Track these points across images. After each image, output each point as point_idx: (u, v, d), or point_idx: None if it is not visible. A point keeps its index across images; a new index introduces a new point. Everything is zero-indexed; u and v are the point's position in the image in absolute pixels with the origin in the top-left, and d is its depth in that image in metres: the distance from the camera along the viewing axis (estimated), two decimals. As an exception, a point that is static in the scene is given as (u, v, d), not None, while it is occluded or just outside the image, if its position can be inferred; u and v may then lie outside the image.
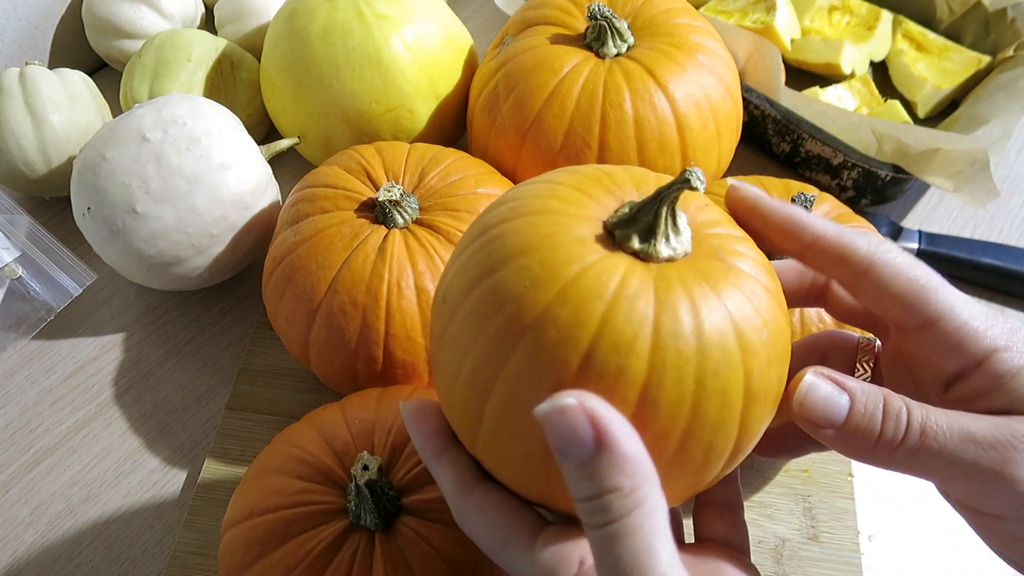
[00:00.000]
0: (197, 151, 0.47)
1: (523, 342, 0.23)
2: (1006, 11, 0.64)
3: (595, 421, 0.21)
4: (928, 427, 0.24)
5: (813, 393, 0.25)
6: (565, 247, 0.23)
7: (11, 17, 0.64)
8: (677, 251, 0.24)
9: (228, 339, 0.54)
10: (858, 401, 0.25)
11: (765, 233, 0.28)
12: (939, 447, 0.24)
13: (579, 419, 0.21)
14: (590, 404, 0.21)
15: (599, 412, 0.21)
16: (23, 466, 0.49)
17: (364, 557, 0.33)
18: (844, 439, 0.25)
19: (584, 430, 0.21)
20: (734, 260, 0.25)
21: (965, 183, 0.50)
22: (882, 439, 0.24)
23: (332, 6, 0.52)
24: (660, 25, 0.49)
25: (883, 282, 0.26)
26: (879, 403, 0.25)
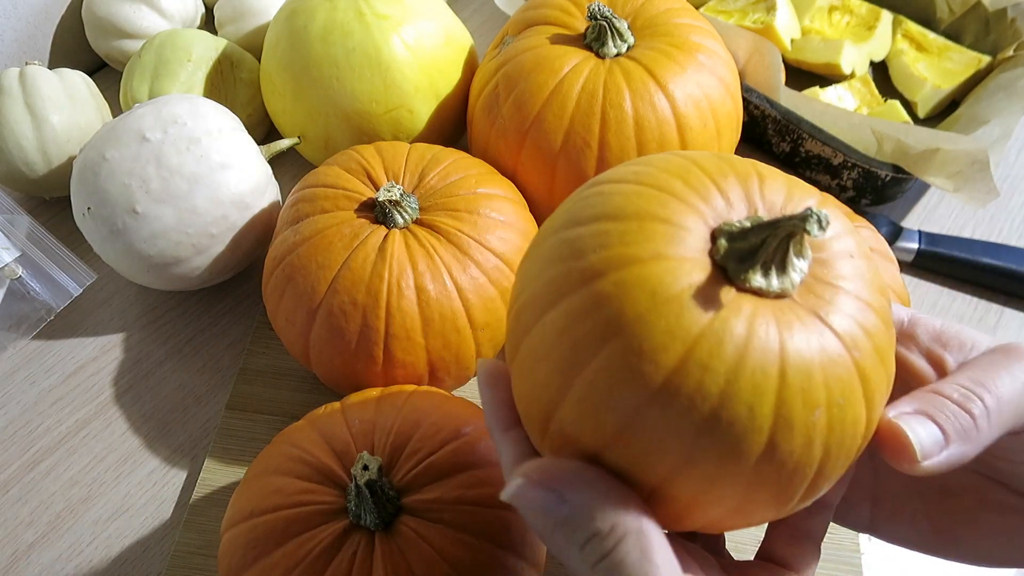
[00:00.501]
0: (197, 151, 0.47)
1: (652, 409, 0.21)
2: (1006, 11, 0.64)
3: (547, 482, 0.22)
4: (981, 380, 0.24)
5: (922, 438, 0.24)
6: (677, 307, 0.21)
7: (11, 17, 0.64)
8: (795, 285, 0.22)
9: (228, 339, 0.54)
10: (934, 413, 0.24)
11: None
12: (1000, 385, 0.24)
13: (534, 494, 0.22)
14: (537, 474, 0.22)
15: (546, 470, 0.22)
16: (23, 466, 0.49)
17: (364, 557, 0.33)
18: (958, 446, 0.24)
19: (542, 498, 0.22)
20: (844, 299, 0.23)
21: (965, 183, 0.50)
22: (978, 419, 0.24)
23: (332, 6, 0.52)
24: (660, 25, 0.49)
25: None
26: (943, 400, 0.24)
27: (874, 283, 0.24)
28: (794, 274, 0.22)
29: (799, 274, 0.23)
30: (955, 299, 0.55)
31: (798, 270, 0.23)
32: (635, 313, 0.21)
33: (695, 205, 0.23)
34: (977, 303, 0.55)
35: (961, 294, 0.56)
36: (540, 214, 0.50)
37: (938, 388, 0.24)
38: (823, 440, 0.22)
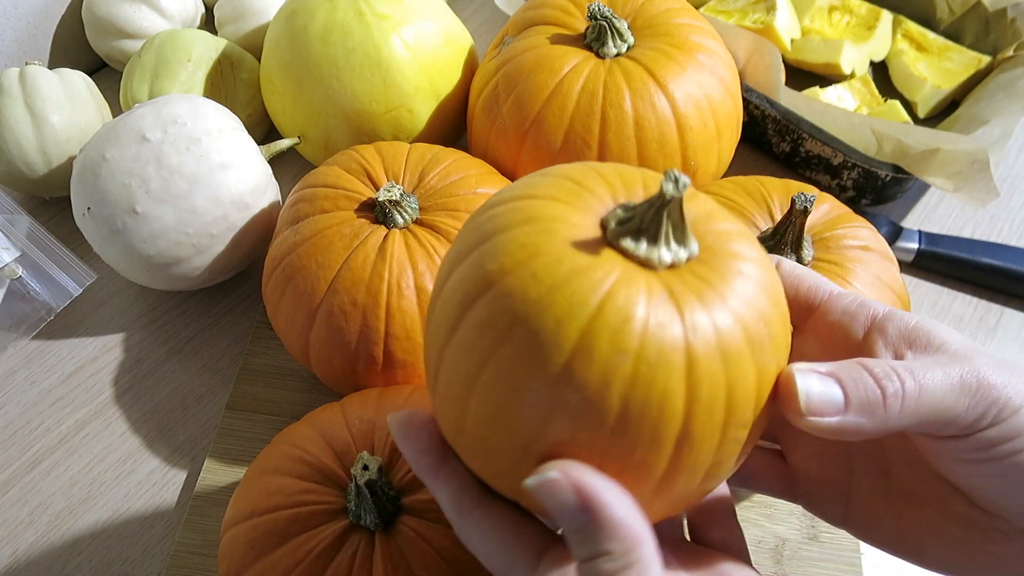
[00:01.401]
0: (197, 151, 0.47)
1: (512, 339, 0.22)
2: (1006, 11, 0.64)
3: (580, 491, 0.22)
4: (913, 369, 0.24)
5: (812, 391, 0.24)
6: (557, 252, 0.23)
7: (11, 17, 0.64)
8: (681, 257, 0.23)
9: (228, 339, 0.54)
10: (844, 377, 0.24)
11: None
12: (932, 379, 0.24)
13: (565, 490, 0.22)
14: (575, 475, 0.22)
15: (584, 482, 0.22)
16: (23, 466, 0.49)
17: (364, 557, 0.33)
18: (856, 415, 0.24)
19: (571, 500, 0.22)
20: (738, 263, 0.24)
21: (965, 183, 0.50)
22: (887, 397, 0.24)
23: (332, 6, 0.52)
24: (660, 25, 0.49)
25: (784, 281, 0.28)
26: (860, 369, 0.24)
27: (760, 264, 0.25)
28: (671, 247, 0.23)
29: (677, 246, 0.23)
30: (955, 299, 0.55)
31: (674, 240, 0.23)
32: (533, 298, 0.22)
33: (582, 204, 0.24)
34: (977, 303, 0.55)
35: (961, 294, 0.56)
36: (540, 214, 0.50)
37: (865, 360, 0.25)
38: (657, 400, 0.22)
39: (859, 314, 0.27)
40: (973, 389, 0.24)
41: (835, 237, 0.43)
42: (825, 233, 0.43)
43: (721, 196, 0.46)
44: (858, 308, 0.27)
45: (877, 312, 0.27)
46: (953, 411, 0.24)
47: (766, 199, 0.45)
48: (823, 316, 0.28)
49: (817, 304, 0.28)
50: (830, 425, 0.24)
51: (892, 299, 0.42)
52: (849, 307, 0.27)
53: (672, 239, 0.23)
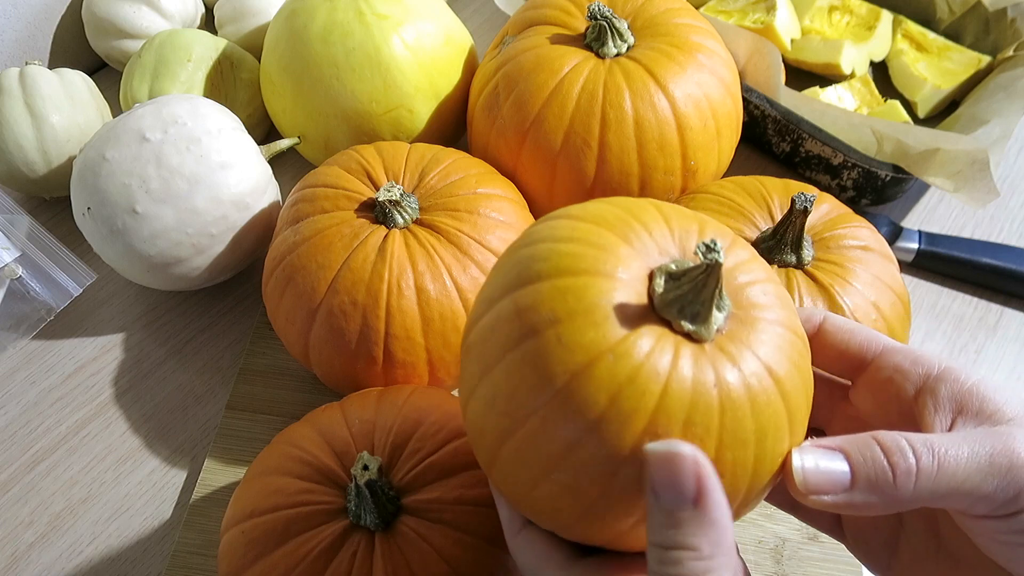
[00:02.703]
0: (197, 151, 0.47)
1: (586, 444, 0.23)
2: (1006, 11, 0.64)
3: (700, 479, 0.22)
4: (934, 445, 0.23)
5: (810, 466, 0.24)
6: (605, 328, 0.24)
7: (11, 17, 0.64)
8: (722, 327, 0.25)
9: (228, 339, 0.54)
10: (852, 452, 0.24)
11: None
12: (956, 457, 0.23)
13: (688, 471, 0.22)
14: (702, 460, 0.22)
15: (706, 472, 0.22)
16: (23, 466, 0.49)
17: (364, 557, 0.33)
18: (863, 493, 0.24)
19: (689, 483, 0.22)
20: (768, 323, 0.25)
21: (965, 183, 0.50)
22: (898, 475, 0.23)
23: (332, 6, 0.52)
24: (660, 25, 0.49)
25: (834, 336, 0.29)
26: (872, 444, 0.24)
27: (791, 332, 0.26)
28: (713, 325, 0.24)
29: (717, 324, 0.24)
30: (955, 299, 0.55)
31: (716, 320, 0.24)
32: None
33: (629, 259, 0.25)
34: (977, 303, 0.55)
35: (961, 294, 0.56)
36: (540, 214, 0.50)
37: (880, 434, 0.24)
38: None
39: (911, 372, 0.26)
40: (1003, 470, 0.23)
41: (835, 237, 0.43)
42: (825, 233, 0.43)
43: (721, 196, 0.46)
44: (911, 365, 0.27)
45: (931, 370, 0.26)
46: (980, 491, 0.23)
47: (766, 199, 0.45)
48: (876, 372, 0.27)
49: (870, 359, 0.28)
50: (835, 502, 0.24)
51: (892, 299, 0.42)
52: (902, 364, 0.27)
53: (713, 307, 0.24)
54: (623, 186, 0.48)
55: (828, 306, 0.40)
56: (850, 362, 0.28)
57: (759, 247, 0.43)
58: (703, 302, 0.24)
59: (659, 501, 0.22)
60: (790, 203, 0.40)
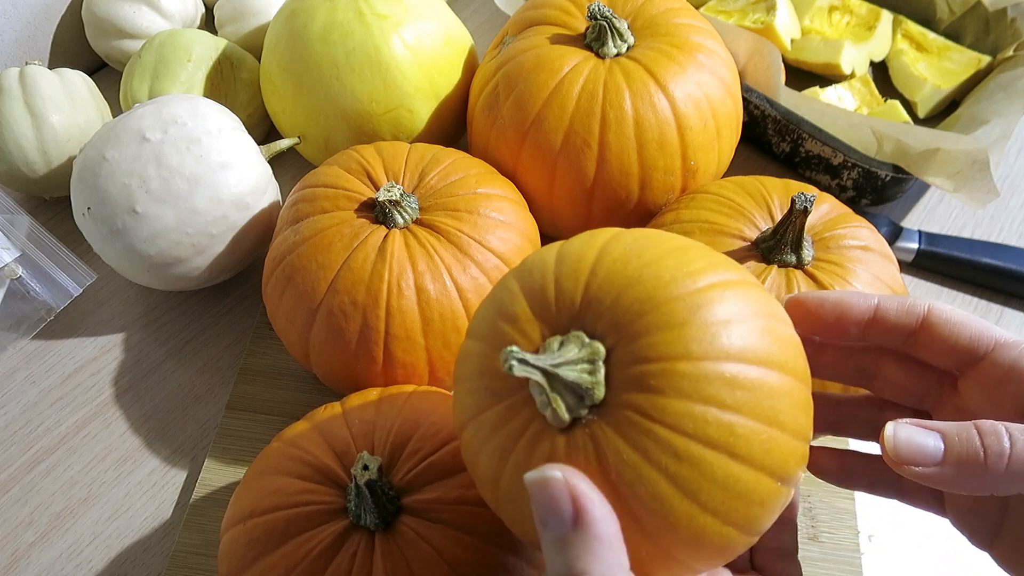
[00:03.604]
0: (197, 151, 0.47)
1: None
2: (1006, 11, 0.64)
3: (576, 498, 0.22)
4: None
5: (902, 437, 0.24)
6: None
7: (11, 17, 0.64)
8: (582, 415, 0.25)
9: (228, 339, 0.54)
10: (948, 432, 0.24)
11: (826, 330, 0.29)
12: None
13: (561, 493, 0.22)
14: (574, 481, 0.22)
15: (581, 490, 0.22)
16: (23, 466, 0.49)
17: (364, 557, 0.33)
18: (953, 467, 0.24)
19: (564, 504, 0.22)
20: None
21: (965, 183, 0.50)
22: (989, 455, 0.23)
23: (332, 6, 0.52)
24: (660, 25, 0.49)
25: (941, 328, 0.28)
26: (970, 428, 0.24)
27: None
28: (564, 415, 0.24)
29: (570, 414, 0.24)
30: (955, 299, 0.55)
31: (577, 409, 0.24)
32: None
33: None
34: (977, 303, 0.55)
35: (961, 294, 0.56)
36: (540, 214, 0.50)
37: (980, 422, 0.24)
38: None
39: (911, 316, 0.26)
40: None
41: (835, 237, 0.43)
42: (825, 233, 0.43)
43: (721, 196, 0.46)
44: (910, 310, 0.27)
45: (921, 311, 0.26)
46: None
47: (766, 199, 0.45)
48: (990, 368, 0.27)
49: (983, 354, 0.27)
50: (925, 474, 0.24)
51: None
52: (1019, 360, 0.26)
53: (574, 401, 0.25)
54: (623, 186, 0.48)
55: (828, 306, 0.40)
56: (960, 356, 0.28)
57: (759, 247, 0.43)
58: (547, 397, 0.24)
59: (546, 529, 0.22)
60: (790, 203, 0.40)
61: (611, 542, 0.22)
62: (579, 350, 0.24)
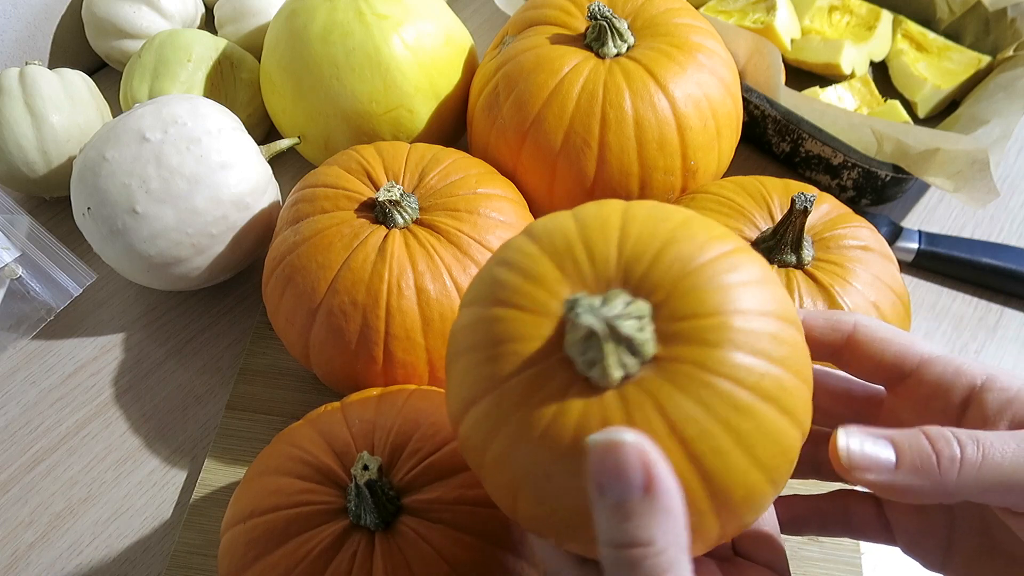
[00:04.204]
0: (197, 151, 0.47)
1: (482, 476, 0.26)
2: (1006, 11, 0.64)
3: (648, 465, 0.20)
4: (980, 438, 0.24)
5: (855, 446, 0.24)
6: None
7: (11, 17, 0.64)
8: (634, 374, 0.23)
9: (228, 339, 0.54)
10: (898, 439, 0.24)
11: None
12: (1001, 452, 0.23)
13: (632, 458, 0.20)
14: (647, 446, 0.21)
15: (653, 457, 0.21)
16: (23, 466, 0.49)
17: (364, 557, 0.33)
18: (907, 476, 0.24)
19: (635, 470, 0.20)
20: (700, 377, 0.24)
21: (965, 183, 0.50)
22: (942, 461, 0.23)
23: (332, 6, 0.52)
24: (660, 25, 0.49)
25: (867, 345, 0.28)
26: (919, 434, 0.24)
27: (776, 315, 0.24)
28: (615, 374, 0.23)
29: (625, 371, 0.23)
30: (955, 299, 0.55)
31: (626, 367, 0.23)
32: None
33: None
34: (977, 303, 0.55)
35: (961, 294, 0.56)
36: (540, 214, 0.50)
37: (928, 428, 0.24)
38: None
39: (955, 383, 0.26)
40: None
41: (835, 237, 0.43)
42: (825, 233, 0.43)
43: (721, 196, 0.46)
44: (954, 376, 0.26)
45: (975, 381, 0.26)
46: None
47: (766, 199, 0.45)
48: (917, 385, 0.27)
49: (908, 371, 0.27)
50: (879, 481, 0.24)
51: (892, 299, 0.42)
52: (944, 375, 0.26)
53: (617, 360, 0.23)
54: (623, 186, 0.48)
55: (828, 307, 0.40)
56: (887, 373, 0.28)
57: (759, 247, 0.43)
58: (601, 351, 0.23)
59: (604, 495, 0.21)
60: (790, 203, 0.40)
61: (678, 515, 0.21)
62: (624, 307, 0.23)
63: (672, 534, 0.21)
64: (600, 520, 0.21)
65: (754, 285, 0.24)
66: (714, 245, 0.25)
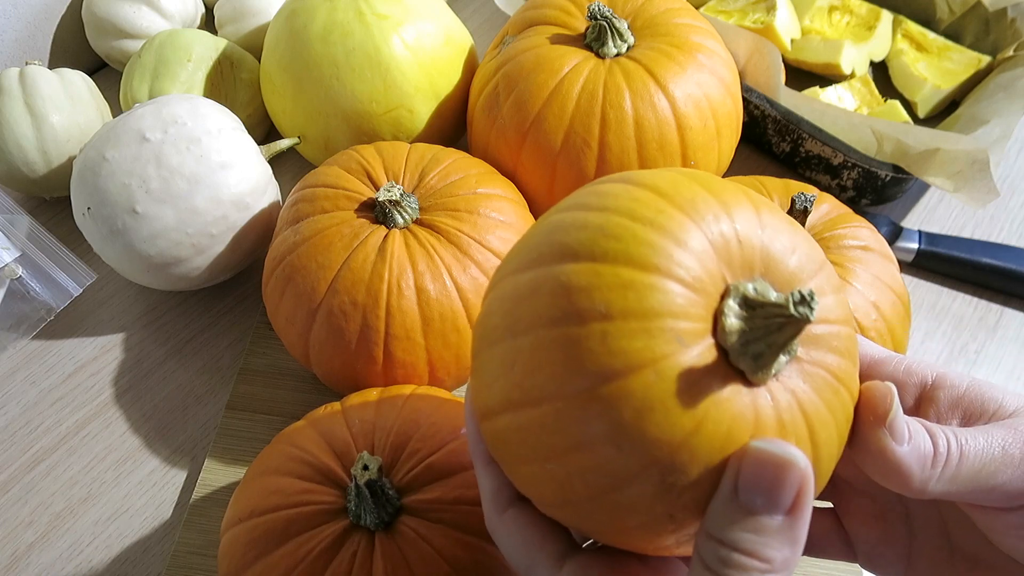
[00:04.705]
0: (197, 151, 0.47)
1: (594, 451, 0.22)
2: (1006, 11, 0.64)
3: (802, 493, 0.21)
4: (960, 438, 0.24)
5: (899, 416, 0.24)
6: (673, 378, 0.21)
7: (11, 17, 0.64)
8: (781, 371, 0.22)
9: (228, 339, 0.54)
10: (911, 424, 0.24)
11: None
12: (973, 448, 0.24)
13: (792, 481, 0.20)
14: (809, 475, 0.21)
15: (809, 487, 0.21)
16: (23, 466, 0.49)
17: (364, 557, 0.33)
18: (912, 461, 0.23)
19: (789, 493, 0.20)
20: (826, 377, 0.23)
21: (965, 183, 0.50)
22: (937, 456, 0.23)
23: (332, 6, 0.52)
24: (660, 25, 0.49)
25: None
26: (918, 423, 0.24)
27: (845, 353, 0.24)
28: (772, 371, 0.22)
29: (776, 369, 0.22)
30: (955, 299, 0.55)
31: (777, 365, 0.22)
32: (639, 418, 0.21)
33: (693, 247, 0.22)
34: (977, 303, 0.55)
35: (961, 294, 0.56)
36: (540, 214, 0.50)
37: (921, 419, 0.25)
38: None
39: (907, 382, 0.26)
40: (1017, 460, 0.23)
41: (835, 237, 0.43)
42: (825, 233, 0.43)
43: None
44: (905, 376, 0.26)
45: (926, 379, 0.26)
46: (994, 480, 0.23)
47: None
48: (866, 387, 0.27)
49: (860, 373, 0.27)
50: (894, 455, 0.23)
51: (892, 299, 0.42)
52: (895, 375, 0.26)
53: (780, 354, 0.22)
54: (623, 186, 0.48)
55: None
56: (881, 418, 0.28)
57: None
58: (771, 346, 0.21)
59: (745, 501, 0.21)
60: (790, 203, 0.40)
61: (800, 545, 0.21)
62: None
63: (789, 562, 0.21)
64: (722, 517, 0.21)
65: (842, 291, 0.25)
66: (819, 248, 0.25)
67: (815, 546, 0.31)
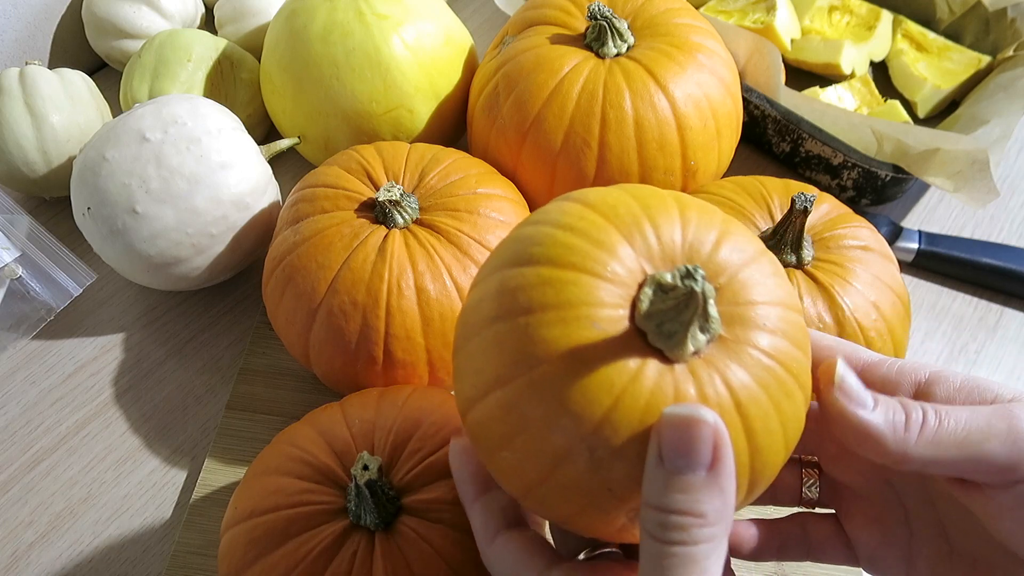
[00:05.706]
0: (197, 151, 0.47)
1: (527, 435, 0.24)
2: (1006, 11, 0.64)
3: (719, 446, 0.22)
4: (939, 410, 0.25)
5: (848, 375, 0.25)
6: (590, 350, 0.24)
7: (11, 17, 0.64)
8: (702, 349, 0.24)
9: (228, 339, 0.54)
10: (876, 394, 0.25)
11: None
12: (956, 418, 0.24)
13: (705, 435, 0.22)
14: (723, 428, 0.22)
15: (725, 439, 0.22)
16: (23, 466, 0.49)
17: (364, 557, 0.33)
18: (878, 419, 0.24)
19: (706, 449, 0.22)
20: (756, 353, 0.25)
21: (965, 183, 0.50)
22: (910, 422, 0.24)
23: (332, 6, 0.52)
24: (660, 25, 0.49)
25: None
26: (894, 400, 0.25)
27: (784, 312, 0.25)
28: (689, 347, 0.24)
29: (694, 347, 0.24)
30: (955, 299, 0.55)
31: (696, 343, 0.24)
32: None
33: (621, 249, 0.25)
34: (977, 303, 0.55)
35: (961, 294, 0.56)
36: (540, 214, 0.50)
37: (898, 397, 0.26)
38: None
39: (901, 382, 0.27)
40: (1003, 433, 0.24)
41: (835, 237, 0.43)
42: (825, 233, 0.43)
43: (721, 196, 0.46)
44: (899, 375, 0.27)
45: (920, 377, 0.27)
46: (981, 449, 0.24)
47: (766, 199, 0.45)
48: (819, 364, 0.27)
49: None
50: (854, 414, 0.24)
51: (892, 299, 0.42)
52: (889, 376, 0.27)
53: (692, 330, 0.24)
54: (623, 186, 0.48)
55: (828, 306, 0.40)
56: (828, 381, 0.28)
57: (759, 247, 0.43)
58: (682, 323, 0.23)
59: (667, 463, 0.22)
60: (790, 203, 0.40)
61: (730, 496, 0.22)
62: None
63: (722, 513, 0.22)
64: (653, 485, 0.22)
65: (783, 278, 0.27)
66: (756, 240, 0.27)
67: (817, 551, 0.31)
